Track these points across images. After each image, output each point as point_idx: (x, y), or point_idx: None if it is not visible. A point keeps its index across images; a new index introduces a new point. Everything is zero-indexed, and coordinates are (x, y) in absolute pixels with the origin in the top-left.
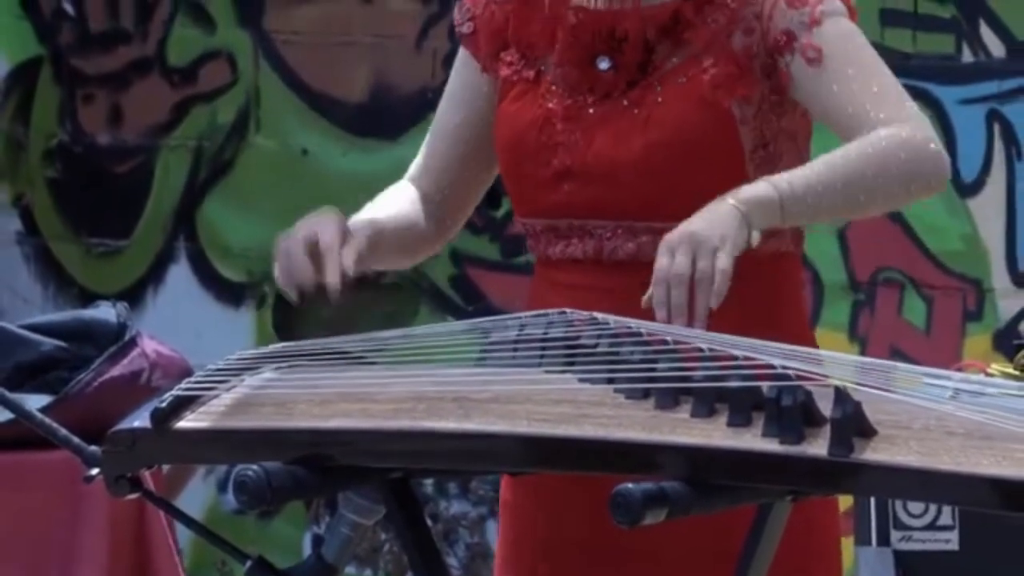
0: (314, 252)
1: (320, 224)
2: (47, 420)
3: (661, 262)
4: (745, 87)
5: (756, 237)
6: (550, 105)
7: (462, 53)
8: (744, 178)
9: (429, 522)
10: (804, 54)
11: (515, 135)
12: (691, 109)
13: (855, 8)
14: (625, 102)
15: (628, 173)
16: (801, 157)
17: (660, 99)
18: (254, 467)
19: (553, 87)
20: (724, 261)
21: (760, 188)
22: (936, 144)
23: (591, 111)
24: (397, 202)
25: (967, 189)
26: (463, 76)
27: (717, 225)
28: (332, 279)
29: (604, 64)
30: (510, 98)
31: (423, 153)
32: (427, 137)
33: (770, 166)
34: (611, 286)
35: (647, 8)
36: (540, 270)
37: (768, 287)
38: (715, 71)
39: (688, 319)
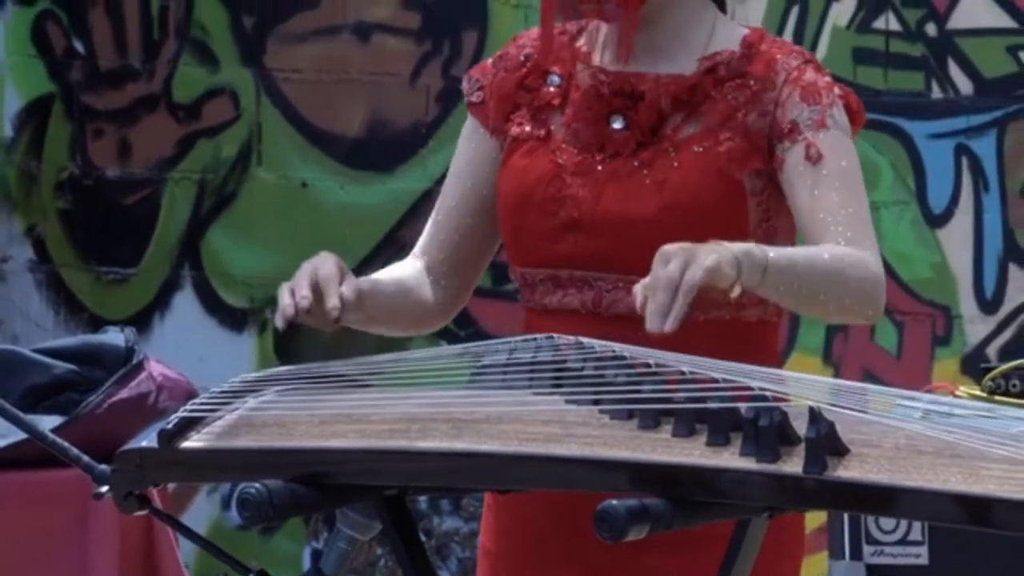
0: (314, 284)
1: (320, 261)
2: (59, 440)
3: (656, 270)
4: (757, 162)
5: (737, 291)
6: (560, 160)
7: (468, 126)
8: None
9: (423, 537)
10: (807, 150)
11: (523, 187)
12: (708, 178)
13: (861, 110)
14: (635, 162)
15: (639, 230)
16: (791, 239)
17: (676, 164)
18: (256, 485)
19: (563, 144)
20: (699, 273)
21: (753, 247)
22: (883, 282)
23: (600, 168)
24: (396, 271)
25: (936, 220)
26: (469, 149)
27: (714, 250)
28: (332, 303)
29: (618, 123)
30: (519, 154)
31: (429, 227)
32: (432, 213)
33: (769, 241)
34: (607, 338)
35: (665, 76)
36: (533, 320)
37: (751, 351)
38: (731, 144)
39: (663, 321)
